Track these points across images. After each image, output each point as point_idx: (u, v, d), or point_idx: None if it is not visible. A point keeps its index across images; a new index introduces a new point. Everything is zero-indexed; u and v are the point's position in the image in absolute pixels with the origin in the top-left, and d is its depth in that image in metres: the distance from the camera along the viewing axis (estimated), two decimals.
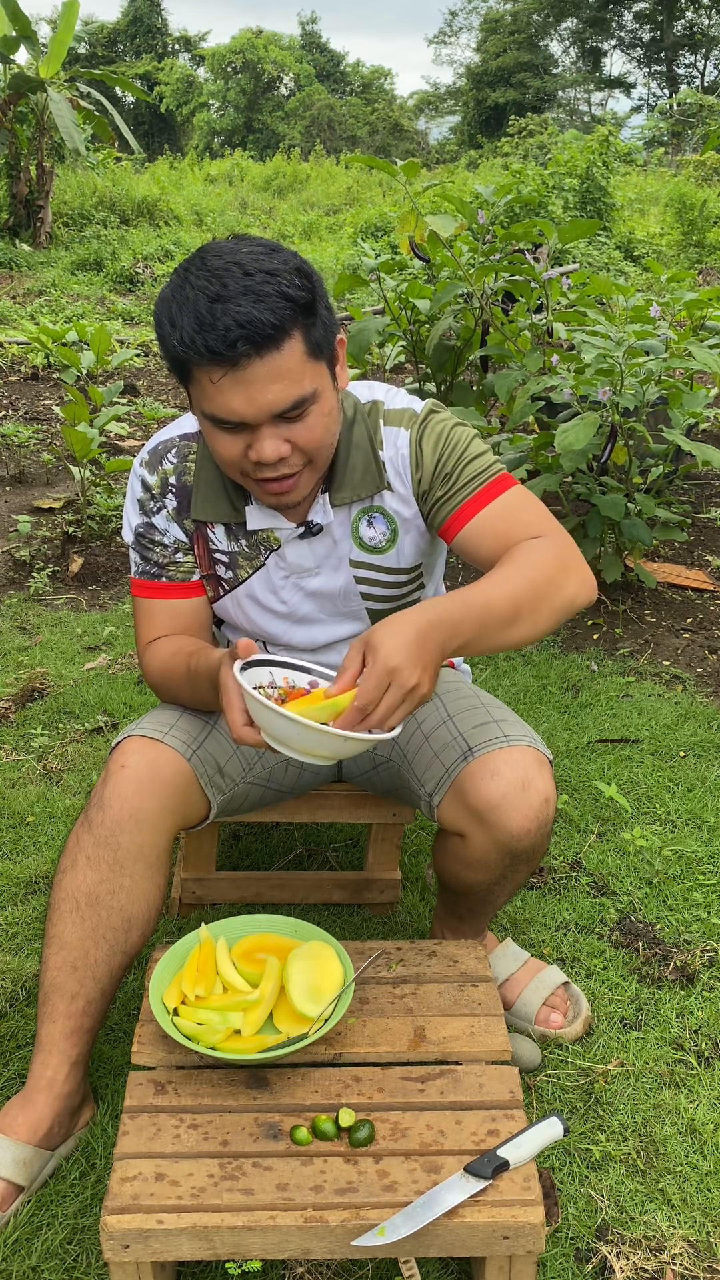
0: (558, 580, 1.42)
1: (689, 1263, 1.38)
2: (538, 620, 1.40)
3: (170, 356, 1.36)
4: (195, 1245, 1.20)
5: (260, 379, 1.32)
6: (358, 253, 10.70)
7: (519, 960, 1.80)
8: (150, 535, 1.60)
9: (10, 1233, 1.39)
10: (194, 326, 1.30)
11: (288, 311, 1.30)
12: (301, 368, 1.34)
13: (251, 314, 1.28)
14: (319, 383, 1.38)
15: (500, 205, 4.54)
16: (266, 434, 1.37)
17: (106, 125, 11.87)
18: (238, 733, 1.33)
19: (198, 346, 1.30)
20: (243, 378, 1.32)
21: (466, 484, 1.50)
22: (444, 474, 1.52)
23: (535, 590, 1.39)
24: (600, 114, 43.50)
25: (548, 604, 1.40)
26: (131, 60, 42.71)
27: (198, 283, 1.31)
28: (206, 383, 1.34)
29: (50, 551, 3.95)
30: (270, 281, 1.30)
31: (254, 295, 1.29)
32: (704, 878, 2.13)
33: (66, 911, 1.47)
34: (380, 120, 41.99)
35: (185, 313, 1.31)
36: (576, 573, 1.45)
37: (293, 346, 1.32)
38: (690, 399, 3.21)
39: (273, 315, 1.29)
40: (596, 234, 12.01)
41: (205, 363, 1.32)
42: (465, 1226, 1.20)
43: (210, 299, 1.29)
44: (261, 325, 1.28)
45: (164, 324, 1.34)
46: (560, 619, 1.43)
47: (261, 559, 1.59)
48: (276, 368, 1.32)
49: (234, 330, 1.28)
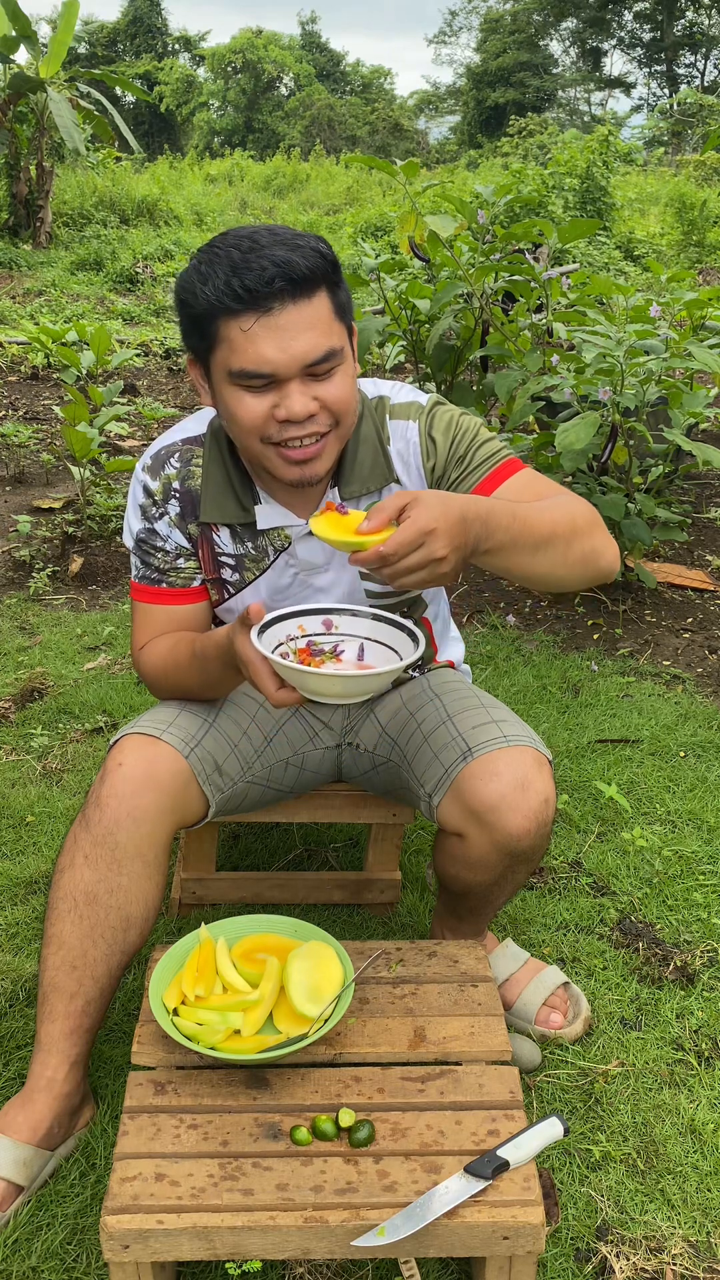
0: (590, 530, 1.45)
1: (689, 1263, 1.38)
2: (567, 556, 1.42)
3: (196, 314, 1.37)
4: (195, 1245, 1.20)
5: (294, 326, 1.34)
6: (358, 253, 10.69)
7: (519, 960, 1.79)
8: (152, 541, 1.59)
9: (10, 1233, 1.39)
10: (228, 271, 1.33)
11: (320, 266, 1.35)
12: (330, 322, 1.37)
13: (288, 257, 1.32)
14: (345, 343, 1.41)
15: (500, 205, 4.54)
16: (295, 389, 1.37)
17: (106, 125, 11.88)
18: (274, 697, 1.33)
19: (234, 288, 1.32)
20: (275, 323, 1.33)
21: (481, 464, 1.53)
22: (458, 457, 1.54)
23: (572, 526, 1.42)
24: (600, 114, 43.51)
25: (579, 543, 1.43)
26: (131, 60, 42.72)
27: (229, 243, 1.35)
28: (237, 333, 1.34)
29: (50, 551, 3.94)
30: (301, 239, 1.36)
31: (288, 245, 1.34)
32: (704, 878, 2.13)
33: (65, 911, 1.47)
34: (380, 120, 41.98)
35: (218, 265, 1.34)
36: (604, 534, 1.48)
37: (323, 299, 1.36)
38: (690, 399, 3.21)
39: (307, 263, 1.33)
40: (596, 234, 12.02)
41: (240, 308, 1.33)
42: (465, 1226, 1.20)
43: (244, 251, 1.33)
44: (297, 266, 1.32)
45: (193, 283, 1.36)
46: (585, 569, 1.45)
47: (269, 560, 1.59)
48: (309, 316, 1.34)
49: (270, 269, 1.31)
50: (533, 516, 1.39)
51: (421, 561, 1.24)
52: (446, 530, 1.24)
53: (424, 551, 1.24)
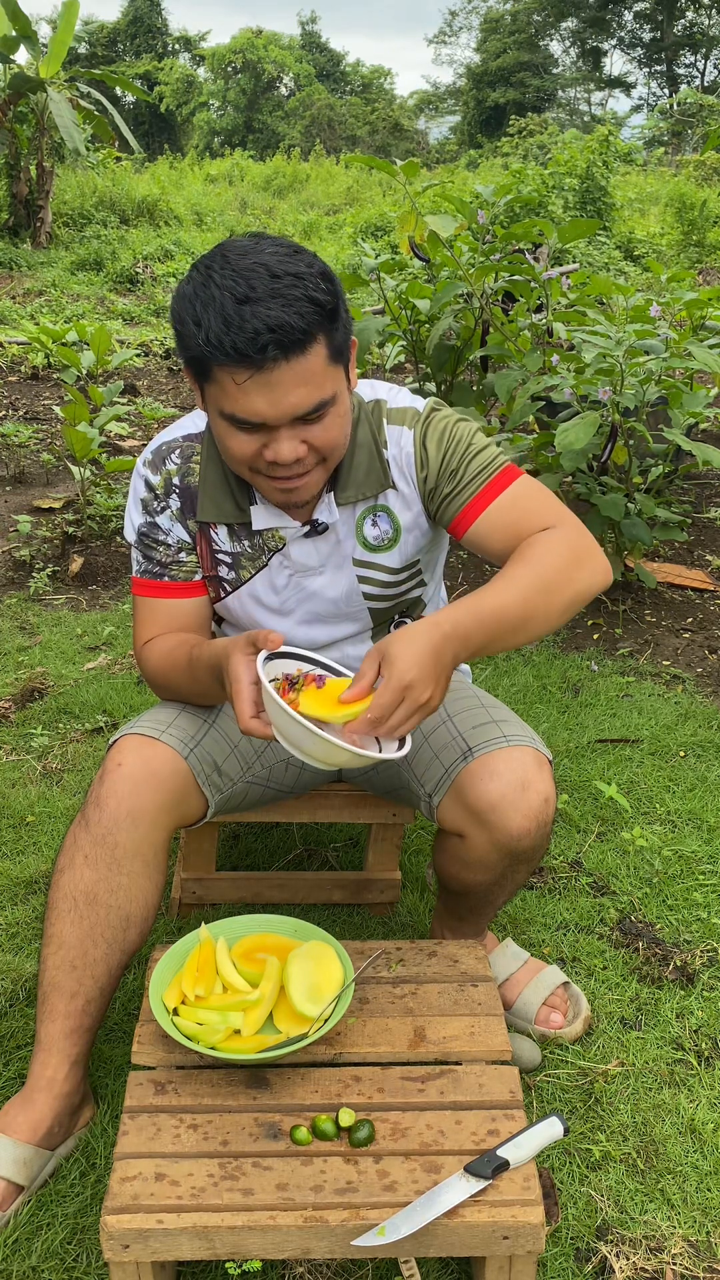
0: (569, 573, 1.43)
1: (689, 1263, 1.38)
2: (550, 616, 1.42)
3: (191, 355, 1.36)
4: (195, 1245, 1.20)
5: (285, 383, 1.32)
6: (358, 253, 10.70)
7: (519, 960, 1.79)
8: (153, 535, 1.60)
9: (10, 1233, 1.39)
10: (221, 327, 1.29)
11: (315, 316, 1.30)
12: (324, 372, 1.35)
13: (281, 318, 1.27)
14: (338, 386, 1.39)
15: (500, 205, 4.54)
16: (285, 435, 1.37)
17: (106, 125, 11.87)
18: (245, 723, 1.33)
19: (225, 347, 1.29)
20: (268, 380, 1.31)
21: (473, 479, 1.51)
22: (450, 470, 1.52)
23: (546, 587, 1.41)
24: (600, 114, 43.51)
25: (559, 599, 1.42)
26: (131, 60, 42.71)
27: (223, 282, 1.30)
28: (229, 383, 1.33)
29: (50, 551, 3.94)
30: (298, 285, 1.29)
31: (282, 299, 1.28)
32: (704, 878, 2.13)
33: (65, 910, 1.47)
34: (380, 120, 41.98)
35: (211, 312, 1.30)
36: (589, 561, 1.46)
37: (317, 351, 1.32)
38: (690, 399, 3.21)
39: (301, 320, 1.29)
40: (596, 234, 12.02)
41: (231, 364, 1.31)
42: (465, 1226, 1.20)
43: (237, 300, 1.28)
44: (291, 330, 1.28)
45: (186, 322, 1.33)
46: (574, 610, 1.45)
47: (265, 559, 1.59)
48: (301, 372, 1.32)
49: (264, 334, 1.27)
50: (505, 602, 1.38)
51: (409, 713, 1.30)
52: (421, 675, 1.29)
53: (408, 703, 1.29)
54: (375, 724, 1.28)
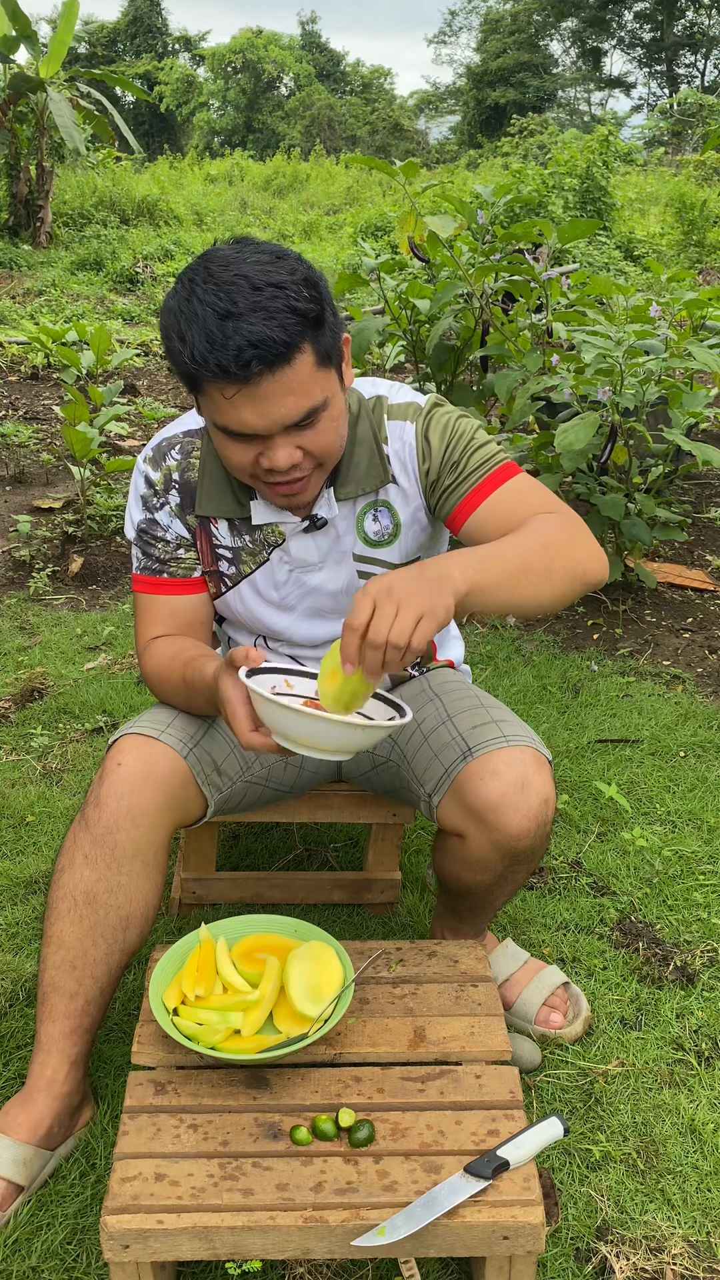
0: (568, 549, 1.43)
1: (689, 1263, 1.38)
2: (552, 579, 1.40)
3: (180, 371, 1.36)
4: (195, 1245, 1.20)
5: (273, 394, 1.32)
6: (358, 253, 10.70)
7: (519, 960, 1.79)
8: (153, 531, 1.60)
9: (10, 1233, 1.39)
10: (205, 345, 1.29)
11: (297, 327, 1.30)
12: (312, 379, 1.34)
13: (263, 332, 1.27)
14: (329, 390, 1.38)
15: (500, 205, 4.54)
16: (279, 443, 1.37)
17: (106, 125, 11.87)
18: (245, 739, 1.34)
19: (209, 365, 1.30)
20: (255, 394, 1.32)
21: (474, 471, 1.52)
22: (451, 462, 1.53)
23: (545, 549, 1.40)
24: (600, 114, 43.48)
25: (559, 563, 1.40)
26: (131, 60, 42.67)
27: (205, 297, 1.30)
28: (219, 397, 1.34)
29: (50, 551, 3.94)
30: (279, 296, 1.29)
31: (264, 312, 1.28)
32: (704, 878, 2.13)
33: (64, 910, 1.47)
34: (380, 120, 41.97)
35: (194, 329, 1.30)
36: (586, 545, 1.46)
37: (303, 359, 1.32)
38: (690, 399, 3.21)
39: (284, 332, 1.28)
40: (596, 234, 12.02)
41: (217, 380, 1.31)
42: (465, 1226, 1.20)
43: (220, 316, 1.28)
44: (273, 344, 1.28)
45: (173, 338, 1.34)
46: (573, 585, 1.43)
47: (265, 554, 1.59)
48: (288, 382, 1.32)
49: (246, 350, 1.27)
50: (499, 548, 1.38)
51: (388, 620, 1.22)
52: (397, 579, 1.26)
53: (387, 605, 1.23)
54: (355, 630, 1.23)
